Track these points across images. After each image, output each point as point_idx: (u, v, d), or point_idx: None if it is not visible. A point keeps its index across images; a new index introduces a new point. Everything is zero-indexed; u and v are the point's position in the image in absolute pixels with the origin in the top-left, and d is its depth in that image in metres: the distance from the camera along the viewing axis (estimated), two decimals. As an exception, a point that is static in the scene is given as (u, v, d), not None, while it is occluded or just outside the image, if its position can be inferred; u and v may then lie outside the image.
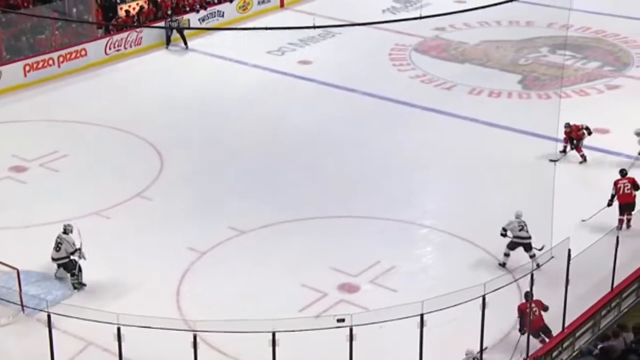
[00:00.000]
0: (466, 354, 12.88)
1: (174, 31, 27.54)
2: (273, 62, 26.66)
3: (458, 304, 13.27)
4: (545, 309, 13.74)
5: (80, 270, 15.24)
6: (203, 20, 29.28)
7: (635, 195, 17.16)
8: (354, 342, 11.86)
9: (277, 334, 11.64)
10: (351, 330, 11.82)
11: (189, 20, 28.50)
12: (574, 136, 19.90)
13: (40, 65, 24.92)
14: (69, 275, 15.34)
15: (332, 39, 28.67)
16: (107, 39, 26.64)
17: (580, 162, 19.88)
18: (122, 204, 18.35)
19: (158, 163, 20.26)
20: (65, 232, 15.29)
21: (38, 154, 20.40)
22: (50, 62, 25.16)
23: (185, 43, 27.96)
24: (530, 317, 13.54)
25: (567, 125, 19.75)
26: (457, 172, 19.88)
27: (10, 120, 22.53)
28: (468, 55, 27.43)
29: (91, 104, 23.69)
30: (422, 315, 12.08)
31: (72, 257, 15.17)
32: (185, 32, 27.73)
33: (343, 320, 11.85)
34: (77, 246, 15.23)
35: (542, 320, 13.78)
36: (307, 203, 18.52)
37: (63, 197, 18.64)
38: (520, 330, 13.77)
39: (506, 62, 26.73)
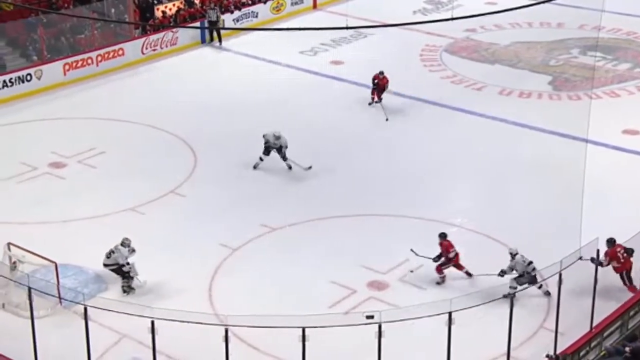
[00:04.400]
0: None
1: (211, 24, 27.90)
2: (305, 62, 26.87)
3: (486, 303, 13.45)
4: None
5: (131, 277, 15.53)
6: (237, 20, 29.62)
7: None
8: (382, 339, 11.99)
9: (306, 330, 11.81)
10: (380, 327, 11.95)
11: (223, 20, 28.84)
12: None
13: (79, 64, 25.39)
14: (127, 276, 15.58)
15: (364, 40, 28.83)
16: (144, 38, 27.05)
17: None
18: (156, 200, 18.68)
19: (192, 160, 20.58)
20: (122, 244, 15.54)
21: (76, 150, 20.81)
22: (89, 61, 25.61)
23: (220, 41, 28.34)
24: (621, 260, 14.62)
25: None
26: (487, 172, 19.94)
27: (49, 117, 22.99)
28: (498, 56, 27.45)
29: (128, 102, 24.09)
30: (450, 314, 12.18)
31: (123, 269, 15.45)
32: (221, 30, 28.07)
33: (372, 317, 11.97)
34: (130, 262, 15.43)
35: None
36: (337, 201, 18.69)
37: (100, 193, 19.02)
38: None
39: (536, 63, 26.72)
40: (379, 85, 23.18)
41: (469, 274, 15.82)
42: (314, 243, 17.12)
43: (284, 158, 19.56)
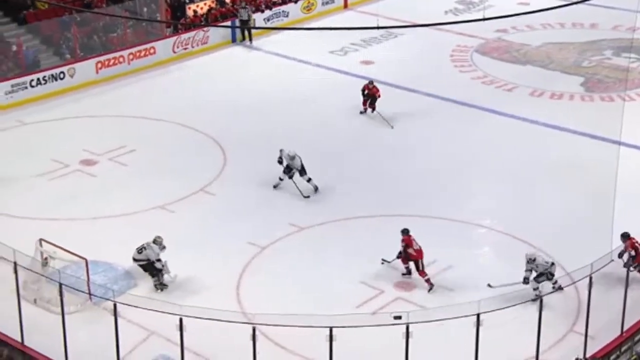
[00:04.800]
0: None
1: (242, 23, 28.01)
2: (336, 62, 26.88)
3: (514, 305, 13.37)
4: None
5: (162, 274, 15.64)
6: (268, 19, 29.70)
7: None
8: (410, 340, 11.97)
9: (334, 330, 11.81)
10: (407, 327, 11.93)
11: (254, 19, 28.93)
12: None
13: (111, 63, 25.61)
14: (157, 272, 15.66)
15: (395, 40, 28.77)
16: (175, 37, 27.22)
17: None
18: (186, 198, 18.78)
19: (221, 159, 20.67)
20: (154, 241, 15.66)
21: (107, 148, 20.98)
22: (121, 59, 25.82)
23: (251, 40, 28.44)
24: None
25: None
26: (517, 173, 19.82)
27: (81, 115, 23.19)
28: (530, 57, 27.26)
29: (158, 100, 24.25)
30: (478, 315, 12.13)
31: (155, 265, 15.55)
32: (252, 29, 28.18)
33: (400, 317, 11.96)
34: (161, 260, 15.54)
35: None
36: (365, 201, 18.66)
37: (130, 190, 19.16)
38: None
39: (568, 64, 26.50)
40: (370, 95, 22.64)
41: (409, 272, 15.82)
42: (342, 243, 17.12)
43: (308, 180, 18.75)
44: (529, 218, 17.78)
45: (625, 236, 15.38)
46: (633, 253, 15.19)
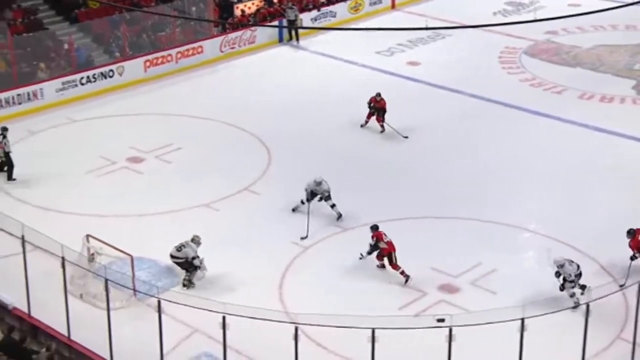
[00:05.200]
0: None
1: (289, 23, 28.08)
2: (382, 63, 26.80)
3: (560, 310, 13.21)
4: None
5: (195, 271, 15.75)
6: (315, 19, 29.74)
7: None
8: (453, 343, 11.88)
9: (376, 331, 11.76)
10: (450, 330, 11.84)
11: (301, 19, 28.98)
12: None
13: (159, 61, 25.84)
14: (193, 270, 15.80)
15: (442, 41, 28.59)
16: (223, 37, 27.37)
17: None
18: (230, 197, 18.87)
19: (266, 158, 20.73)
20: (192, 240, 15.78)
21: (154, 146, 21.18)
22: (169, 58, 26.05)
23: (298, 40, 28.51)
24: None
25: None
26: (564, 177, 19.57)
27: (129, 113, 23.43)
28: (580, 59, 26.89)
29: (205, 99, 24.41)
30: (522, 320, 11.98)
31: (194, 262, 15.66)
32: (299, 29, 28.24)
33: (443, 320, 11.88)
34: (199, 257, 15.65)
35: None
36: (410, 203, 18.59)
37: (175, 188, 19.31)
38: None
39: (620, 67, 26.09)
40: (378, 108, 21.79)
41: (383, 266, 16.05)
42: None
43: (332, 206, 17.75)
44: (575, 223, 17.54)
45: (631, 233, 15.40)
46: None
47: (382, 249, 15.88)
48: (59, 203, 18.50)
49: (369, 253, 16.01)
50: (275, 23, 28.56)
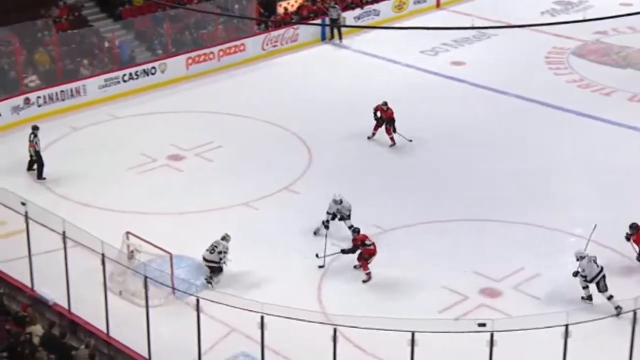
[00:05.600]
0: None
1: (332, 22, 27.96)
2: (426, 62, 26.54)
3: (605, 317, 12.89)
4: None
5: (220, 272, 15.69)
6: (359, 18, 29.53)
7: None
8: (494, 348, 11.68)
9: (415, 334, 11.61)
10: (492, 335, 11.65)
11: (344, 17, 28.81)
12: None
13: (201, 59, 25.87)
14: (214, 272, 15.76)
15: (488, 41, 28.23)
16: (265, 35, 27.33)
17: None
18: (270, 196, 18.80)
19: (307, 157, 20.62)
20: (223, 238, 15.77)
21: (194, 143, 21.18)
22: (211, 55, 26.06)
23: (340, 38, 28.34)
24: None
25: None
26: (611, 181, 19.19)
27: (170, 110, 23.49)
28: (631, 60, 26.35)
29: (246, 97, 24.37)
30: (567, 326, 11.75)
31: (220, 260, 15.63)
32: (341, 28, 28.09)
33: (484, 324, 11.69)
34: (227, 253, 15.66)
35: None
36: (452, 204, 18.37)
37: (215, 186, 19.29)
38: None
39: (673, 68, 25.59)
40: (386, 118, 20.75)
41: (356, 267, 15.92)
42: (426, 246, 16.89)
43: (350, 227, 16.66)
44: (621, 227, 17.03)
45: (634, 227, 15.57)
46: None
47: (365, 249, 15.68)
48: (99, 200, 18.58)
49: (344, 252, 15.90)
50: (318, 21, 28.41)
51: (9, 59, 23.35)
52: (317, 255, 16.12)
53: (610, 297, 14.51)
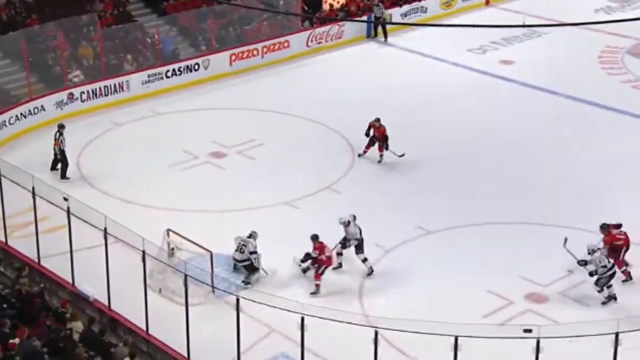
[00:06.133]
0: None
1: (376, 19, 27.69)
2: (473, 61, 26.16)
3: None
4: None
5: (255, 271, 15.54)
6: (405, 15, 29.19)
7: None
8: (539, 355, 11.42)
9: (459, 339, 11.41)
10: (538, 342, 11.40)
11: (390, 15, 28.48)
12: None
13: (245, 55, 25.77)
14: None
15: (538, 39, 27.74)
16: (310, 31, 27.13)
17: None
18: (312, 195, 18.62)
19: (350, 157, 20.38)
20: (250, 236, 15.63)
21: (236, 141, 21.07)
22: (255, 52, 25.95)
23: (385, 36, 28.03)
24: None
25: None
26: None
27: (213, 107, 23.44)
28: (687, 60, 25.71)
29: (290, 95, 24.21)
30: (617, 334, 11.44)
31: (252, 260, 15.48)
32: (387, 25, 27.78)
33: (530, 330, 11.45)
34: (257, 251, 15.48)
35: None
36: (498, 206, 18.07)
37: (257, 184, 19.15)
38: None
39: None
40: (379, 136, 19.68)
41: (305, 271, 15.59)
42: (471, 249, 16.61)
43: (364, 260, 15.84)
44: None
45: (605, 228, 15.34)
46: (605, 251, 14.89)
47: (320, 260, 15.27)
48: (141, 196, 18.56)
49: (303, 261, 15.58)
50: (364, 18, 28.12)
51: (54, 53, 23.48)
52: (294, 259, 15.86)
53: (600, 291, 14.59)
